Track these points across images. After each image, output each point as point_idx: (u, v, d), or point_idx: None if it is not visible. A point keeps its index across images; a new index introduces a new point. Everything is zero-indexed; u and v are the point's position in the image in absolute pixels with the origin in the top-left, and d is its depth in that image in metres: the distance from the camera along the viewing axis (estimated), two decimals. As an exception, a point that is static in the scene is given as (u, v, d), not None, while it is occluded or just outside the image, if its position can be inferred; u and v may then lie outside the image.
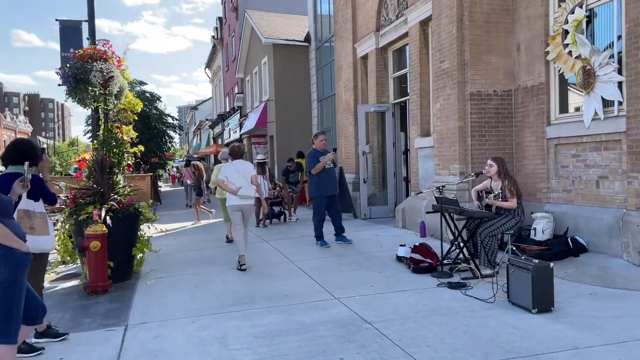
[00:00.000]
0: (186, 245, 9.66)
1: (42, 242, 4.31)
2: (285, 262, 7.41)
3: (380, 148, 12.24)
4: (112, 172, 6.92)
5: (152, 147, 24.74)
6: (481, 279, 5.86)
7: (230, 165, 7.37)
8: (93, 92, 7.11)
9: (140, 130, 22.40)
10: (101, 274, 6.11)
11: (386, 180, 11.88)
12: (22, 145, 4.34)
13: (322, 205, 8.51)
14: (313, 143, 8.68)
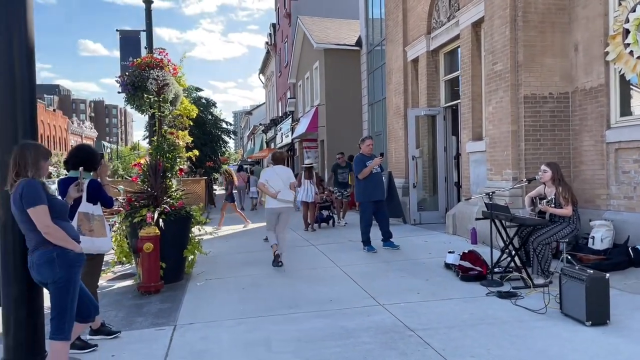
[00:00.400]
0: (236, 247, 9.84)
1: (100, 243, 4.50)
2: (331, 267, 7.41)
3: (431, 152, 12.07)
4: (165, 177, 7.15)
5: (207, 151, 25.43)
6: (533, 288, 5.66)
7: (271, 170, 7.65)
8: (148, 99, 7.35)
9: (195, 135, 23.07)
10: (154, 274, 6.33)
11: (437, 185, 11.69)
12: (81, 151, 4.58)
13: (369, 210, 8.47)
14: (360, 148, 8.66)
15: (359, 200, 8.72)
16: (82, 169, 3.92)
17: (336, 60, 20.15)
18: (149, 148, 7.63)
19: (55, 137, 74.84)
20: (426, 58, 11.67)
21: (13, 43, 3.57)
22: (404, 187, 12.26)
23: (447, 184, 11.53)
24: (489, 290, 5.74)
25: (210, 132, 27.02)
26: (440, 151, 11.52)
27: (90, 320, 3.78)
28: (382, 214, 8.59)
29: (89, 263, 4.62)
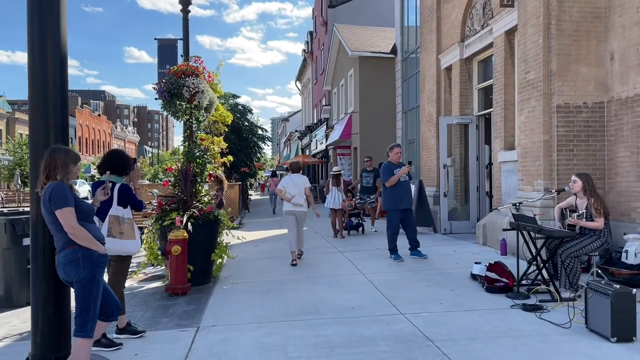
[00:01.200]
0: (265, 252, 9.95)
1: (130, 245, 4.65)
2: (356, 274, 7.42)
3: (463, 161, 11.92)
4: (195, 181, 7.31)
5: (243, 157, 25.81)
6: (560, 302, 5.52)
7: (288, 178, 8.75)
8: (181, 106, 7.54)
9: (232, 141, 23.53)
10: (181, 277, 6.48)
11: (468, 195, 11.54)
12: (112, 156, 4.75)
13: (395, 218, 8.44)
14: (388, 155, 8.64)
15: (386, 208, 8.69)
16: (109, 172, 4.07)
17: (371, 67, 20.17)
18: (181, 153, 7.82)
19: (99, 141, 77.36)
20: (459, 66, 11.56)
21: (47, 52, 3.75)
22: (434, 196, 12.13)
23: (479, 194, 11.35)
24: (514, 302, 5.63)
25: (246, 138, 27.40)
26: (472, 160, 11.37)
27: (113, 319, 3.92)
28: (409, 223, 8.54)
29: (118, 264, 4.79)
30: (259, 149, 29.57)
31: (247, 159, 26.44)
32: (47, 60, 3.75)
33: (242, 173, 26.83)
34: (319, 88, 31.53)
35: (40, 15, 3.76)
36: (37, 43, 3.75)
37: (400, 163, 8.64)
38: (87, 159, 62.07)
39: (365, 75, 20.32)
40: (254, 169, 29.52)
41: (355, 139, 21.17)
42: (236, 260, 8.37)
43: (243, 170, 26.95)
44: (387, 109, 19.19)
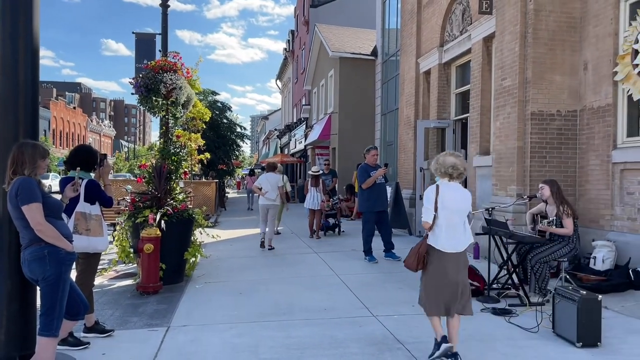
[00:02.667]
0: (239, 252, 9.91)
1: (97, 242, 4.59)
2: (330, 276, 7.44)
3: (440, 165, 12.05)
4: (170, 179, 7.24)
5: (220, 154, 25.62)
6: (529, 306, 5.62)
7: (264, 176, 10.37)
8: (157, 102, 7.46)
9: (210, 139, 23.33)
10: (153, 275, 6.41)
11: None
12: (79, 152, 4.68)
13: (371, 220, 8.49)
14: (365, 157, 8.69)
15: (361, 210, 8.74)
16: (79, 169, 4.01)
17: (351, 68, 20.23)
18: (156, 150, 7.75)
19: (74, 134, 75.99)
20: (438, 70, 11.67)
21: (18, 45, 3.67)
22: (411, 199, 12.22)
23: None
24: (484, 306, 5.72)
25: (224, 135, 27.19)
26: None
27: (80, 318, 3.86)
28: (384, 225, 8.60)
29: (85, 261, 4.72)
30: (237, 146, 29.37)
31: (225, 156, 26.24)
32: (18, 54, 3.67)
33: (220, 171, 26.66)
34: (299, 87, 31.51)
35: (12, 6, 3.68)
36: (7, 35, 3.67)
37: (376, 165, 8.70)
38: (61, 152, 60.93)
39: (346, 76, 20.38)
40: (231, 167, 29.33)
41: (334, 139, 21.22)
42: (210, 259, 8.32)
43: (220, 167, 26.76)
44: (367, 110, 19.27)
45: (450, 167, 4.18)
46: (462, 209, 4.16)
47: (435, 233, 4.16)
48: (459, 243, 4.14)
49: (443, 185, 4.20)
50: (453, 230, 4.12)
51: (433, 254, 4.17)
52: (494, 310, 5.53)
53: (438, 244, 4.13)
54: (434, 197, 4.14)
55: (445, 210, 4.11)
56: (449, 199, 4.12)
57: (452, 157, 4.24)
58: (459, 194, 4.19)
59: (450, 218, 4.11)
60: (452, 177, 4.19)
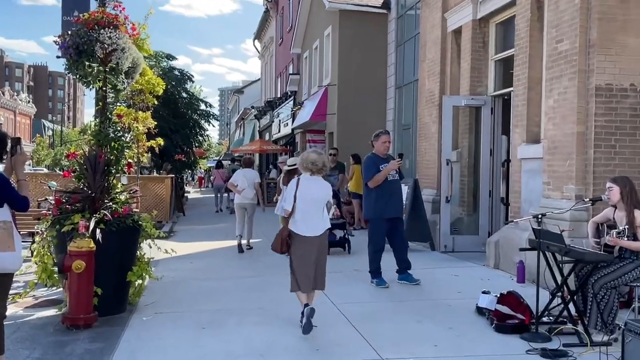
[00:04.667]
0: (204, 271, 9.93)
1: (6, 259, 4.53)
2: (324, 304, 7.43)
3: (473, 156, 12.09)
4: (109, 173, 7.23)
5: (178, 140, 25.66)
6: (590, 347, 5.65)
7: (240, 172, 12.17)
8: (92, 68, 7.42)
9: (163, 119, 23.39)
10: (84, 303, 6.39)
11: (478, 201, 11.71)
12: None
13: (380, 230, 8.51)
14: (372, 145, 8.69)
15: (368, 216, 8.74)
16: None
17: (355, 26, 20.21)
18: (90, 133, 7.73)
19: (-21, 111, 75.75)
20: (471, 29, 11.71)
21: None
22: (434, 202, 12.27)
23: (492, 200, 11.52)
24: (530, 346, 5.76)
25: (183, 115, 27.26)
26: (484, 155, 11.53)
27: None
28: (398, 237, 8.62)
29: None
30: (201, 130, 29.46)
31: (184, 143, 26.32)
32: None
33: (177, 162, 26.68)
34: (284, 51, 31.49)
35: None
36: None
37: (388, 156, 8.70)
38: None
39: (348, 35, 20.36)
40: (193, 157, 29.37)
41: (332, 121, 21.24)
42: (163, 282, 8.30)
43: (178, 158, 26.80)
44: (375, 82, 19.27)
45: (310, 163, 6.49)
46: (319, 199, 6.54)
47: (295, 219, 6.43)
48: (316, 228, 6.45)
49: (304, 178, 6.56)
50: (310, 217, 6.42)
51: (294, 237, 6.42)
52: (544, 352, 5.56)
53: (297, 229, 6.40)
54: (294, 188, 6.47)
55: (303, 200, 6.41)
56: (307, 191, 6.44)
57: (314, 155, 6.59)
58: (317, 186, 6.53)
59: (308, 206, 6.42)
60: (312, 172, 6.51)
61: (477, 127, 11.91)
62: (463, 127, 12.10)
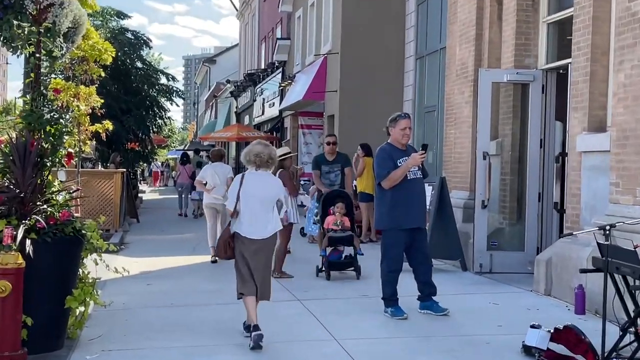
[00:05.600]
0: (166, 296, 9.90)
1: None
2: (325, 341, 7.47)
3: (518, 148, 12.07)
4: (43, 166, 7.19)
5: (131, 124, 25.58)
6: (673, 399, 5.64)
7: (210, 167, 12.89)
8: (22, 29, 7.38)
9: (112, 95, 23.35)
10: (10, 336, 6.31)
11: (523, 206, 11.70)
12: None
13: (397, 244, 8.46)
14: (388, 133, 8.63)
15: (381, 226, 8.68)
16: None
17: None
18: (18, 114, 7.69)
19: None
20: (517, -19, 11.68)
21: None
22: (466, 207, 12.29)
23: (542, 205, 11.51)
24: (595, 397, 5.74)
25: (138, 90, 27.19)
26: (532, 147, 11.50)
27: None
28: (420, 253, 8.59)
29: None
30: (161, 110, 29.39)
31: (138, 127, 26.22)
32: None
33: (129, 153, 26.61)
34: (271, 8, 31.48)
35: None
36: None
37: (408, 147, 8.64)
38: None
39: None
40: (150, 146, 29.28)
41: (332, 101, 21.22)
42: (112, 310, 8.26)
43: (130, 147, 26.75)
44: (390, 50, 19.28)
45: (254, 156, 7.26)
46: (267, 197, 7.37)
47: (239, 220, 7.24)
48: (263, 230, 7.27)
49: (249, 174, 7.40)
50: (256, 217, 7.23)
51: (238, 240, 7.25)
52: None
53: (242, 231, 7.21)
54: (238, 186, 7.28)
55: (248, 198, 7.22)
56: (253, 187, 7.25)
57: (259, 146, 7.42)
58: (264, 182, 7.37)
59: (254, 206, 7.24)
60: (258, 166, 7.30)
61: (523, 111, 11.89)
62: (505, 110, 12.07)
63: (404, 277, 8.64)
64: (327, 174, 13.81)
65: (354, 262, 11.50)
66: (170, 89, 29.33)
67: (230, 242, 7.20)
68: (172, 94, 29.66)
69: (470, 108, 12.62)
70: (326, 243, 11.43)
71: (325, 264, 11.40)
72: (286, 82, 26.50)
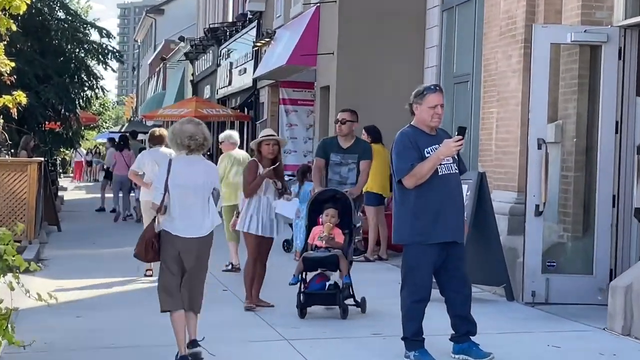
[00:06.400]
0: (103, 334, 9.85)
1: None
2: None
3: (585, 134, 12.04)
4: None
5: (51, 95, 25.42)
6: None
7: (147, 154, 13.20)
8: None
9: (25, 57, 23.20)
10: None
11: (591, 213, 11.69)
12: None
13: (423, 264, 8.39)
14: (412, 112, 8.58)
15: (401, 240, 8.63)
16: None
17: None
18: None
19: None
20: None
21: None
22: (513, 213, 12.34)
23: (618, 212, 11.48)
24: None
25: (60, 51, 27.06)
26: (605, 132, 11.47)
27: None
28: (455, 277, 8.53)
29: None
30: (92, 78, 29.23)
31: (60, 101, 26.03)
32: None
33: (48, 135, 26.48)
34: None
35: None
36: None
37: (439, 131, 8.58)
38: None
39: None
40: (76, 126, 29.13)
41: (327, 67, 21.19)
42: (31, 352, 8.21)
43: (50, 127, 26.62)
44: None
45: (188, 138, 7.82)
46: (201, 186, 7.99)
47: (170, 216, 7.84)
48: (199, 227, 7.92)
49: (178, 159, 8.10)
50: (189, 212, 7.90)
51: (166, 239, 7.88)
52: None
53: (171, 228, 7.83)
54: (165, 175, 7.90)
55: (178, 189, 7.86)
56: (184, 175, 7.89)
57: (191, 126, 7.94)
58: (197, 168, 7.99)
59: (185, 197, 7.90)
60: (191, 150, 7.91)
61: (592, 83, 11.88)
62: (568, 82, 12.05)
63: (431, 309, 8.56)
64: (337, 166, 12.66)
65: (336, 295, 10.82)
66: (103, 48, 29.14)
67: (155, 242, 7.85)
68: (107, 55, 29.47)
69: (519, 79, 12.60)
70: (301, 266, 10.94)
71: (299, 296, 10.78)
72: (262, 42, 26.46)
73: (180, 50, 42.97)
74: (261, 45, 26.35)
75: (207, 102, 32.94)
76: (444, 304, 8.62)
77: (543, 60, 11.62)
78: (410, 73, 18.20)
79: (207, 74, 35.97)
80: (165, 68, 51.74)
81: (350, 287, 10.96)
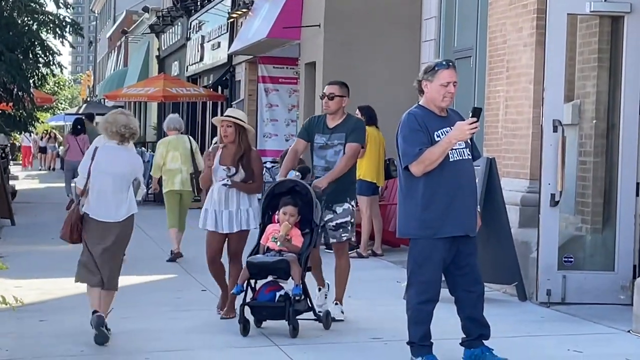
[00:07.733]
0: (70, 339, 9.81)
1: None
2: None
3: (605, 116, 12.07)
4: None
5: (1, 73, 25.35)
6: None
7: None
8: None
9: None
10: None
11: (613, 202, 11.73)
12: None
13: (432, 260, 8.36)
14: (420, 91, 8.53)
15: (407, 233, 8.61)
16: None
17: None
18: None
19: None
20: None
21: None
22: (524, 204, 12.38)
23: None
24: None
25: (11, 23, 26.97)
26: (628, 114, 11.46)
27: None
28: (467, 274, 8.54)
29: None
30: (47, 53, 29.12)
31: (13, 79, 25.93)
32: None
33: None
34: None
35: None
36: None
37: (450, 112, 8.54)
38: None
39: None
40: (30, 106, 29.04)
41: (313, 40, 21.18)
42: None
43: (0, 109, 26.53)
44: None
45: (123, 127, 9.23)
46: (122, 174, 9.48)
47: (88, 199, 9.40)
48: (116, 212, 9.43)
49: (104, 147, 9.55)
50: (105, 197, 9.42)
51: (87, 222, 9.41)
52: None
53: (90, 211, 9.34)
54: (89, 161, 9.40)
55: (100, 175, 9.37)
56: (106, 163, 9.36)
57: (123, 116, 9.43)
58: (121, 157, 9.45)
59: (105, 184, 9.38)
60: (124, 138, 9.34)
61: (614, 59, 11.91)
62: (586, 57, 12.06)
63: (440, 311, 8.55)
64: (321, 149, 11.38)
65: (285, 309, 10.02)
66: (61, 20, 29.00)
67: (79, 224, 9.34)
68: (65, 27, 29.31)
69: (531, 53, 12.59)
70: (245, 274, 10.34)
71: (242, 309, 10.13)
72: (239, 12, 26.43)
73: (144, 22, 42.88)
74: (237, 17, 26.34)
75: (176, 80, 32.81)
76: (454, 305, 8.58)
77: (559, 32, 11.60)
78: (405, 47, 18.23)
79: (175, 49, 35.90)
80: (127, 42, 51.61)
81: (308, 299, 10.46)
